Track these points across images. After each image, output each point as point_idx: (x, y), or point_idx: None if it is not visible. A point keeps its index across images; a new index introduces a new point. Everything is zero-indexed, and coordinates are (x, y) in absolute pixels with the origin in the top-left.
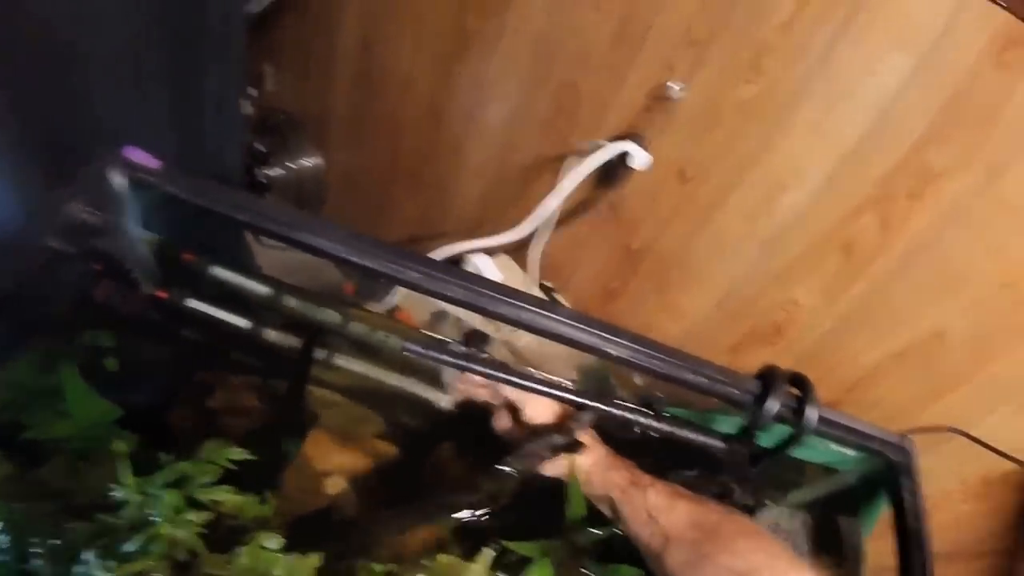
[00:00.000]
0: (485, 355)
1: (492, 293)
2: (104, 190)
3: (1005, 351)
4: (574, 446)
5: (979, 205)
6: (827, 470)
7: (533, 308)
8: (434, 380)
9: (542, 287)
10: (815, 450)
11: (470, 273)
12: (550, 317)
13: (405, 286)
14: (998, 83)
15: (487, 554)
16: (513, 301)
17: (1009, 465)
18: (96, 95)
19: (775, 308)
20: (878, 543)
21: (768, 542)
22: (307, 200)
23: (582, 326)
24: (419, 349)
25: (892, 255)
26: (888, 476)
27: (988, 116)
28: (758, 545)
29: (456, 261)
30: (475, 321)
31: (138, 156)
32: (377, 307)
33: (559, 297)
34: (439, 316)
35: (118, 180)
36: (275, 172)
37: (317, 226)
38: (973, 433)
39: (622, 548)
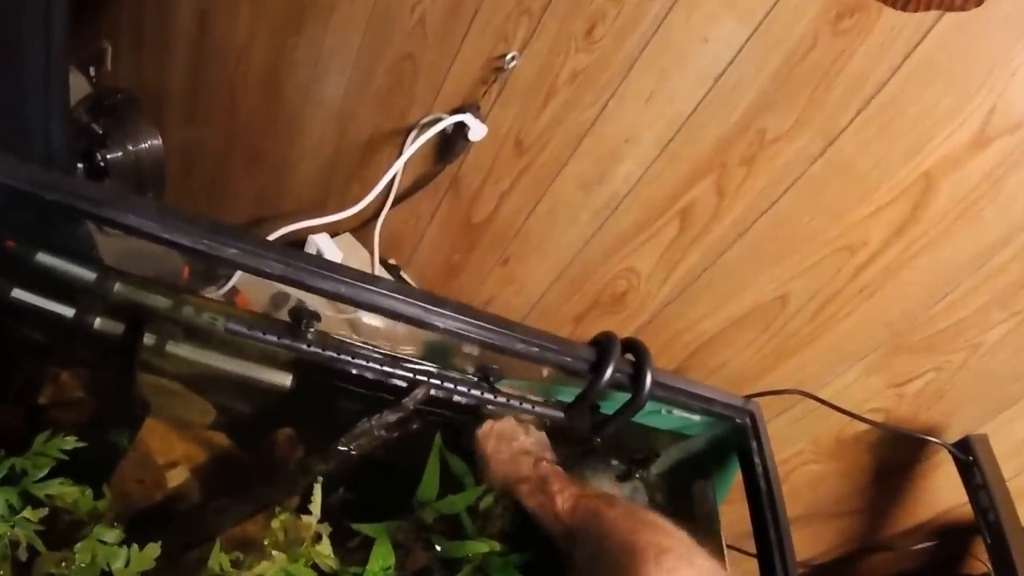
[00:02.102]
0: (311, 332)
1: (309, 267)
2: None
3: (848, 313)
4: (408, 423)
5: (815, 170)
6: (677, 436)
7: (352, 281)
8: (271, 362)
9: (385, 265)
10: (663, 417)
11: (289, 248)
12: (370, 290)
13: (223, 264)
14: (834, 49)
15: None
16: (332, 275)
17: (861, 425)
18: None
19: (615, 278)
20: (738, 508)
21: (659, 531)
22: (148, 183)
23: (404, 298)
24: (243, 329)
25: (729, 221)
26: (736, 439)
27: (823, 82)
28: (647, 532)
29: (298, 243)
30: (316, 302)
31: None
32: (215, 291)
33: (404, 275)
34: (279, 298)
35: None
36: (114, 155)
37: (133, 205)
38: (822, 395)
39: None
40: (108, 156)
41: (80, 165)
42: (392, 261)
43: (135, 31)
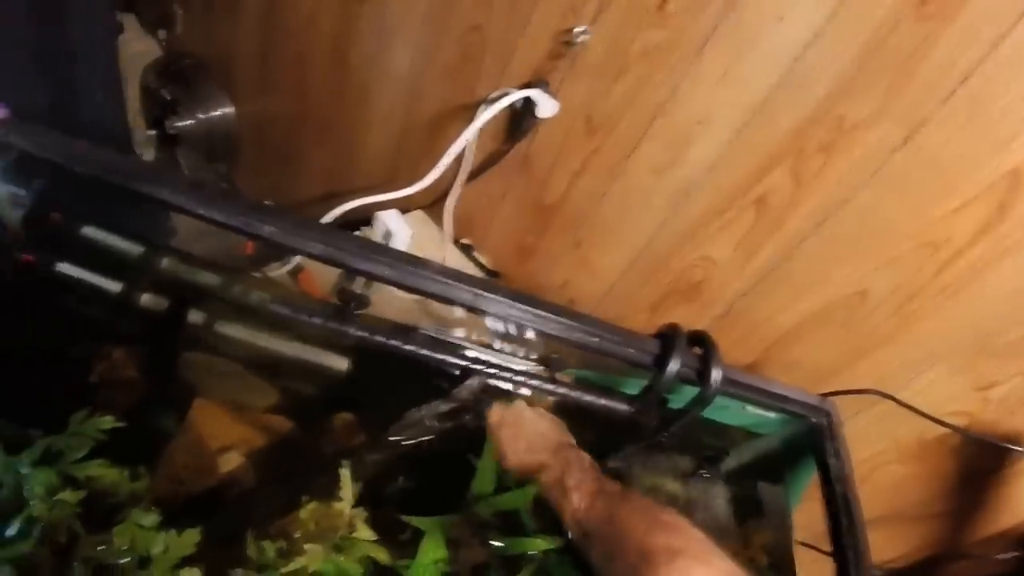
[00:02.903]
0: (358, 314)
1: (354, 248)
2: None
3: (930, 311)
4: (463, 413)
5: (896, 160)
6: (750, 434)
7: (403, 265)
8: (329, 345)
9: (459, 245)
10: (737, 413)
11: (334, 228)
12: (423, 274)
13: (262, 241)
14: (918, 34)
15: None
16: (378, 258)
17: (944, 427)
18: None
19: (691, 265)
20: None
21: (672, 531)
22: (219, 153)
23: (460, 283)
24: (287, 311)
25: (806, 210)
26: (811, 440)
27: (906, 68)
28: (660, 533)
29: (367, 219)
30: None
31: None
32: (280, 268)
33: (478, 255)
34: (348, 276)
35: None
36: (184, 123)
37: (164, 179)
38: (902, 396)
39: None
40: (178, 124)
41: (151, 132)
42: (465, 241)
43: None
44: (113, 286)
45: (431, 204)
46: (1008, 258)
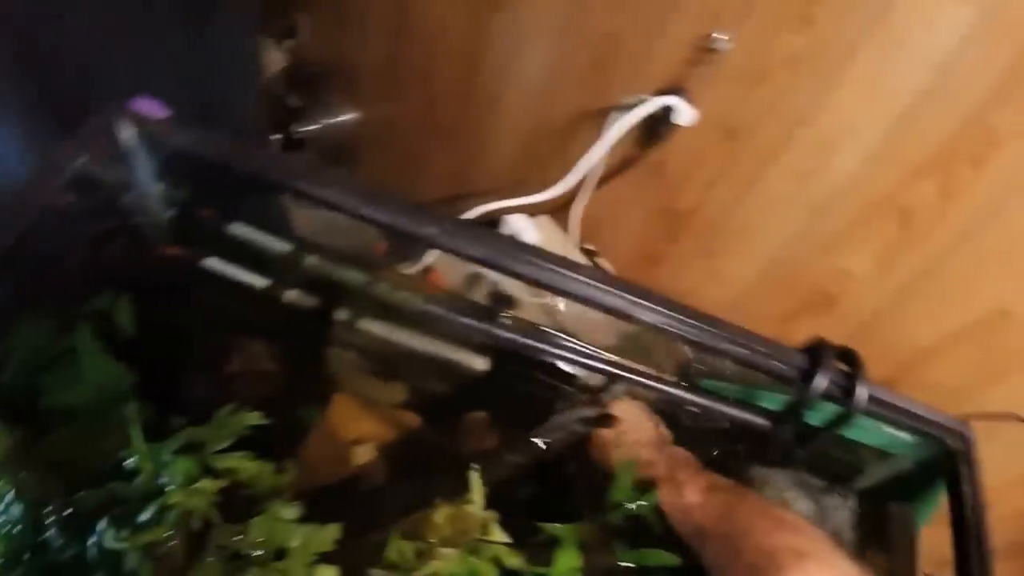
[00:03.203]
0: (508, 318)
1: (513, 251)
2: (110, 143)
3: None
4: (605, 420)
5: None
6: (882, 454)
7: (558, 268)
8: (467, 344)
9: (583, 250)
10: (869, 431)
11: (490, 231)
12: (576, 279)
13: (421, 242)
14: None
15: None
16: (537, 261)
17: None
18: (106, 47)
19: (826, 277)
20: (938, 531)
21: (798, 532)
22: (342, 157)
23: (611, 289)
24: (440, 310)
25: (952, 225)
26: (945, 463)
27: None
28: (785, 534)
29: (492, 222)
30: (511, 284)
31: (145, 107)
32: (409, 268)
33: (601, 261)
34: (474, 278)
35: (125, 132)
36: (309, 128)
37: (327, 178)
38: None
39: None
40: (303, 129)
41: (276, 137)
42: (589, 246)
43: (331, 4)
44: (256, 280)
45: (556, 209)
46: None
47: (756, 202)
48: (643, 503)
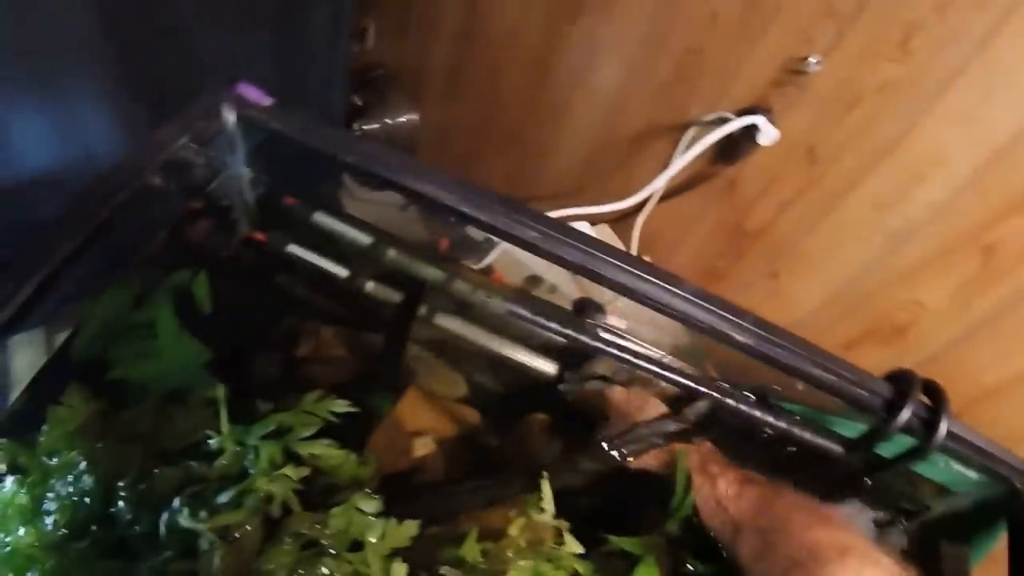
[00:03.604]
0: (600, 326)
1: (611, 260)
2: (214, 125)
3: None
4: (688, 434)
5: None
6: (943, 490)
7: (654, 280)
8: (532, 345)
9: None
10: (934, 466)
11: (589, 236)
12: (672, 291)
13: (516, 244)
14: None
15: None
16: (633, 270)
17: None
18: (199, 36)
19: (897, 308)
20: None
21: (838, 527)
22: None
23: (705, 304)
24: (526, 313)
25: None
26: (1010, 505)
27: None
28: (826, 529)
29: None
30: (570, 287)
31: (250, 92)
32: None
33: None
34: (533, 281)
35: (229, 116)
36: (370, 126)
37: (430, 173)
38: None
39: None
40: (364, 127)
41: None
42: (647, 258)
43: (400, 11)
44: (335, 269)
45: (618, 218)
46: None
47: (830, 228)
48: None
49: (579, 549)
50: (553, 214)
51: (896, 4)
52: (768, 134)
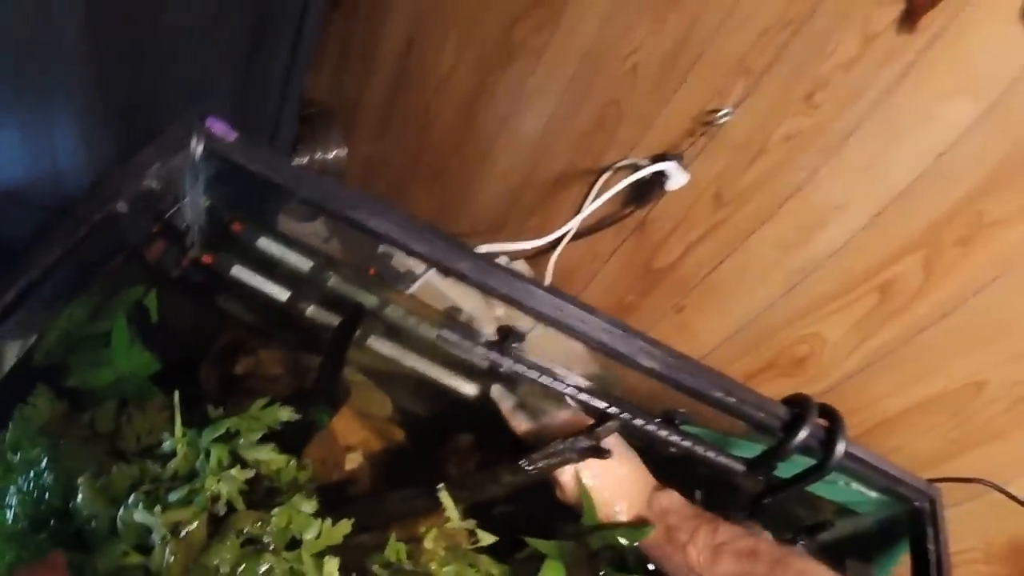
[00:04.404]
0: (518, 351)
1: (538, 290)
2: (182, 156)
3: None
4: (601, 451)
5: None
6: (844, 510)
7: (575, 309)
8: (457, 367)
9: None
10: (837, 488)
11: (517, 272)
12: (589, 320)
13: (455, 276)
14: None
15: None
16: (557, 300)
17: None
18: (174, 58)
19: (798, 341)
20: None
21: None
22: None
23: (619, 332)
24: (454, 337)
25: (932, 300)
26: (911, 524)
27: None
28: None
29: None
30: (486, 318)
31: (217, 127)
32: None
33: None
34: (453, 311)
35: (197, 148)
36: (299, 159)
37: (382, 209)
38: (1010, 490)
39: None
40: (295, 160)
41: None
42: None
43: (341, 49)
44: (276, 291)
45: (533, 255)
46: None
47: (734, 266)
48: (622, 538)
49: (491, 539)
50: (484, 249)
51: (804, 62)
52: (678, 179)
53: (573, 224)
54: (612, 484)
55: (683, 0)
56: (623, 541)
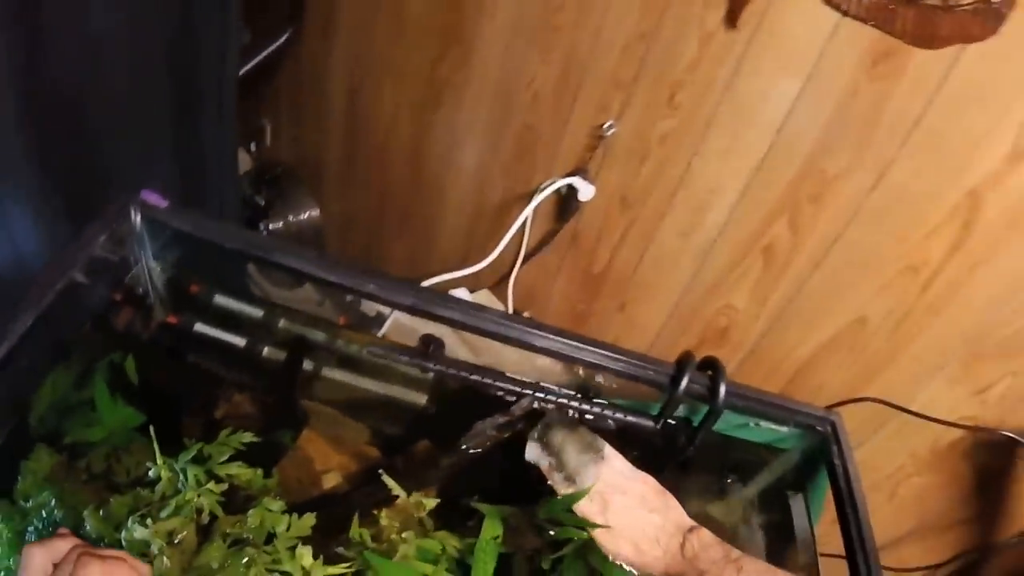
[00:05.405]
0: (439, 356)
1: (440, 300)
2: (124, 227)
3: (922, 328)
4: (513, 425)
5: (875, 199)
6: (774, 450)
7: (472, 311)
8: (410, 384)
9: (519, 317)
10: (753, 430)
11: (463, 300)
12: (484, 318)
13: (398, 308)
14: (874, 92)
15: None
16: (456, 307)
17: (955, 432)
18: (106, 147)
19: (717, 314)
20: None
21: None
22: None
23: (509, 323)
24: (383, 352)
25: (806, 254)
26: (822, 450)
27: (870, 121)
28: None
29: None
30: (453, 343)
31: (151, 197)
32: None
33: None
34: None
35: (135, 218)
36: (275, 225)
37: (310, 255)
38: (913, 407)
39: None
40: (271, 226)
41: None
42: (526, 313)
43: (292, 110)
44: (238, 341)
45: (496, 283)
46: (979, 269)
47: (652, 259)
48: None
49: (432, 503)
50: (435, 280)
51: (661, 68)
52: (587, 191)
53: (503, 245)
54: (633, 529)
55: (561, 29)
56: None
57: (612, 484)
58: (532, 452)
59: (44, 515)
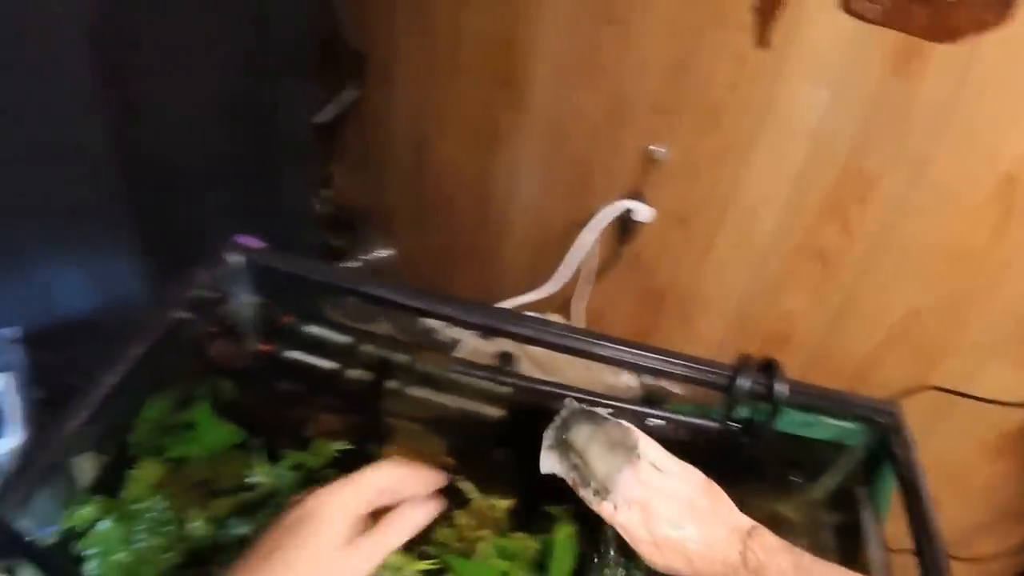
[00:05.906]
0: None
1: (512, 320)
2: (222, 267)
3: (977, 313)
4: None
5: (915, 192)
6: (839, 447)
7: (548, 330)
8: (487, 400)
9: (583, 329)
10: (818, 427)
11: (536, 317)
12: (548, 331)
13: (471, 328)
14: (902, 90)
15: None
16: (530, 324)
17: (1020, 414)
18: (200, 193)
19: (777, 320)
20: None
21: None
22: None
23: (576, 336)
24: (463, 368)
25: (858, 253)
26: (885, 441)
27: (901, 119)
28: None
29: None
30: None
31: (247, 241)
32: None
33: None
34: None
35: (232, 259)
36: (352, 265)
37: (391, 284)
38: (976, 394)
39: None
40: (348, 266)
41: None
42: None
43: (362, 156)
44: (325, 364)
45: (562, 307)
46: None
47: (711, 271)
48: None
49: (506, 504)
50: (501, 305)
51: (702, 92)
52: (643, 213)
53: (568, 270)
54: (689, 535)
55: (606, 65)
56: None
57: (652, 486)
58: (548, 463)
59: (153, 516)
